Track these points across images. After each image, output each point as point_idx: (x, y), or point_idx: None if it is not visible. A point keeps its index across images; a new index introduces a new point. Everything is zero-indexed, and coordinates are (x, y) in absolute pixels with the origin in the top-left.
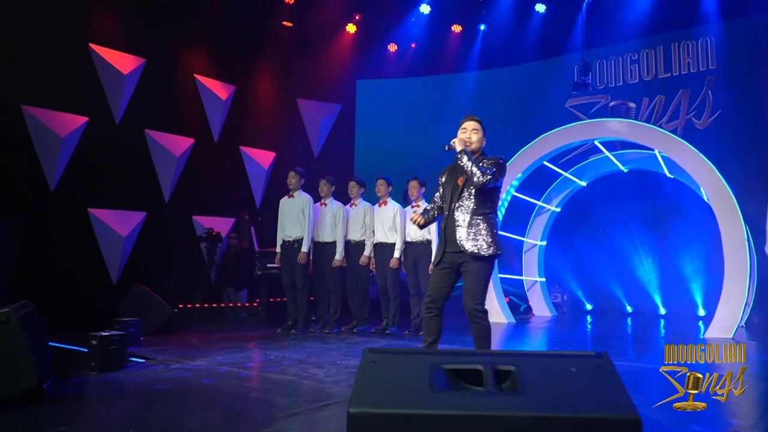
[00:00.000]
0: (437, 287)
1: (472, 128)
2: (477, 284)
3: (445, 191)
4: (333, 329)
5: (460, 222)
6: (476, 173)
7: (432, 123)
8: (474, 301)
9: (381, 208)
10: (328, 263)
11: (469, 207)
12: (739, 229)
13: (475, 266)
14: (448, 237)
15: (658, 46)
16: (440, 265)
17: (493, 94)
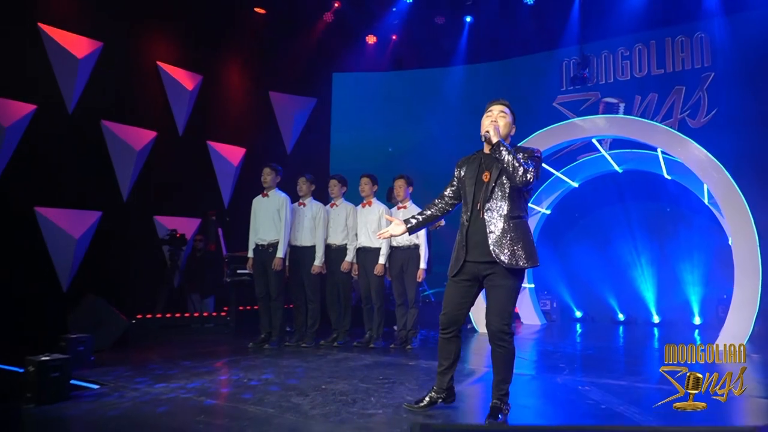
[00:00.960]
0: (456, 304)
1: (499, 111)
2: (507, 302)
3: (466, 188)
4: (311, 342)
5: (493, 227)
6: (518, 170)
7: (414, 119)
8: (502, 321)
9: (365, 209)
10: (307, 270)
11: (503, 209)
12: (750, 232)
13: (507, 281)
14: (472, 243)
15: (650, 42)
16: (459, 276)
17: (479, 90)
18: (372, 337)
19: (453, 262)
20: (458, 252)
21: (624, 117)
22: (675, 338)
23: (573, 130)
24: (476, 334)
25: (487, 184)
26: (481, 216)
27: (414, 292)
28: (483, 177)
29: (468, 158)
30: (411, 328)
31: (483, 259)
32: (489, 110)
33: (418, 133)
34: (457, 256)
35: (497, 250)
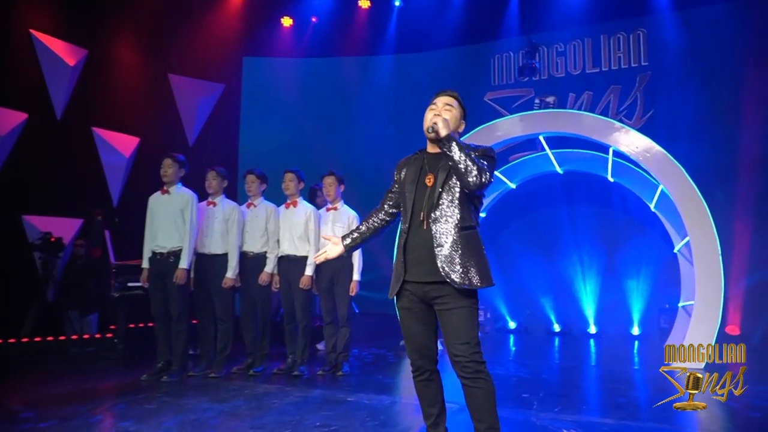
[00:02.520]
0: (418, 334)
1: (444, 104)
2: (470, 324)
3: (406, 194)
4: (221, 371)
5: (441, 240)
6: (472, 169)
7: (336, 112)
8: (470, 349)
9: (289, 210)
10: (217, 283)
11: (453, 218)
12: (712, 240)
13: (462, 301)
14: (412, 260)
15: (586, 38)
16: (404, 300)
17: (407, 82)
18: (296, 362)
19: (393, 283)
20: (397, 270)
21: (577, 113)
22: (612, 350)
23: (518, 126)
24: None
25: (432, 189)
26: (425, 227)
27: (346, 308)
28: (426, 180)
29: (408, 159)
30: (342, 351)
31: (428, 279)
32: (433, 103)
33: (340, 127)
34: (396, 275)
35: (447, 268)
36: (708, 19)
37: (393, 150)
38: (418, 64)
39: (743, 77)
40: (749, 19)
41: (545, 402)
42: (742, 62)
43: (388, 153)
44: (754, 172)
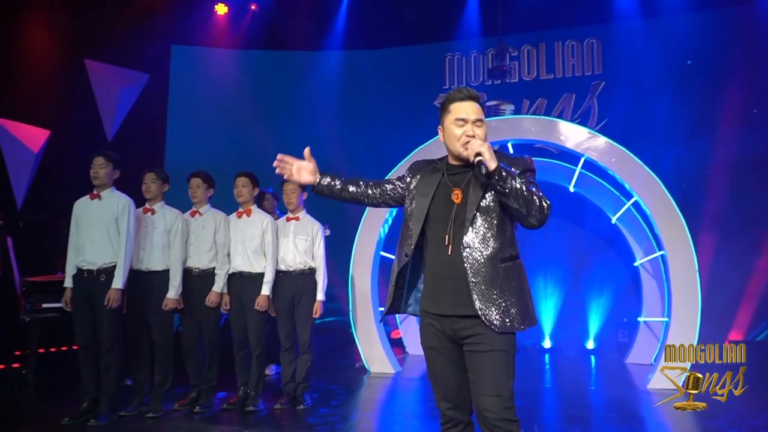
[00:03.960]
0: (450, 380)
1: (476, 118)
2: (504, 373)
3: (417, 206)
4: (159, 410)
5: (477, 272)
6: (534, 202)
7: (277, 109)
8: (503, 404)
9: (242, 220)
10: (156, 304)
11: (491, 247)
12: (689, 254)
13: (498, 344)
14: (438, 288)
15: (540, 44)
16: (430, 338)
17: (355, 80)
18: (249, 395)
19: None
20: (390, 293)
21: (551, 119)
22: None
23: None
24: (368, 375)
25: (460, 207)
26: (449, 252)
27: (308, 332)
28: (454, 196)
29: (426, 166)
30: (302, 381)
31: (459, 312)
32: (459, 112)
33: (282, 126)
34: (389, 297)
35: (484, 307)
36: (660, 30)
37: (341, 151)
38: (368, 62)
39: (696, 88)
40: (701, 31)
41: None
42: (695, 73)
43: (336, 153)
44: (711, 183)
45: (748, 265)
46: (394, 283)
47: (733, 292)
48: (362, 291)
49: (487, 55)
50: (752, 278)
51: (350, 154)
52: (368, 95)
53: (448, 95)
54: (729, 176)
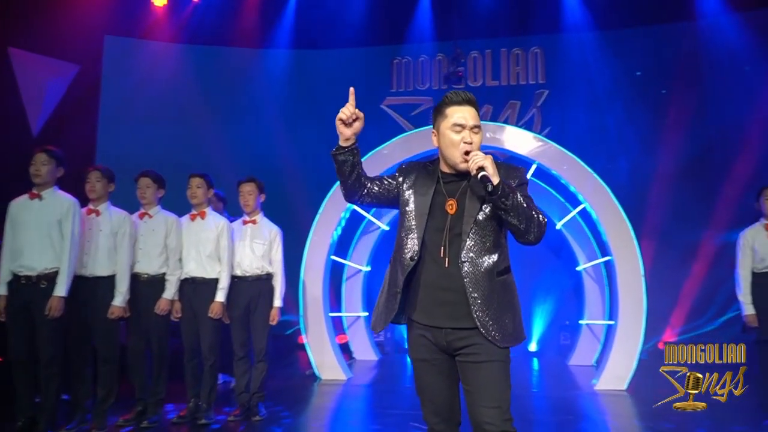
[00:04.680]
0: (441, 393)
1: (473, 125)
2: (503, 384)
3: (414, 214)
4: (104, 426)
5: (476, 285)
6: (534, 219)
7: (220, 106)
8: (502, 415)
9: (195, 223)
10: (100, 312)
11: (489, 260)
12: (635, 259)
13: (495, 354)
14: (432, 300)
15: (486, 51)
16: (420, 350)
17: (302, 81)
18: (201, 407)
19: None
20: (389, 301)
21: (502, 125)
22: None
23: None
24: (318, 383)
25: (455, 218)
26: (446, 264)
27: (264, 340)
28: (448, 206)
29: (418, 168)
30: (257, 391)
31: (453, 325)
32: (457, 117)
33: (224, 125)
34: (387, 308)
35: (484, 322)
36: (604, 42)
37: (290, 151)
38: (315, 62)
39: (640, 100)
40: (644, 44)
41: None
42: (638, 85)
43: (285, 153)
44: (652, 190)
45: (684, 270)
46: (401, 290)
47: (669, 295)
48: (314, 296)
49: (436, 60)
50: (687, 282)
51: (300, 155)
52: (316, 96)
53: (445, 98)
54: (669, 185)
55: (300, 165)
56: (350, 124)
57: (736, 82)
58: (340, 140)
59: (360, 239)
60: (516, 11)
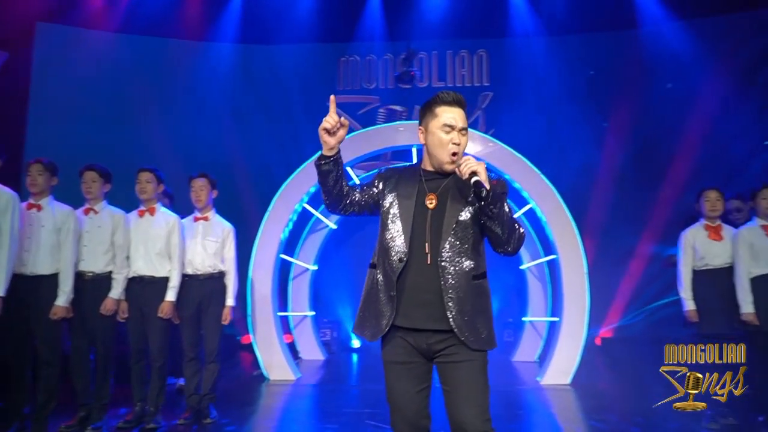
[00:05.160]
0: (413, 399)
1: (462, 126)
2: (482, 385)
3: (400, 214)
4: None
5: (452, 287)
6: (516, 231)
7: (160, 99)
8: (482, 416)
9: (144, 219)
10: (42, 312)
11: (466, 262)
12: (579, 258)
13: (473, 355)
14: (412, 301)
15: (433, 52)
16: (398, 353)
17: (248, 75)
18: (149, 411)
19: (373, 321)
20: (382, 305)
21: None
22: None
23: (399, 136)
24: (266, 383)
25: (435, 213)
26: (428, 261)
27: (216, 340)
28: (427, 201)
29: (398, 171)
30: (208, 392)
31: (432, 326)
32: (447, 118)
33: (164, 119)
34: (379, 312)
35: (458, 324)
36: (546, 48)
37: (232, 147)
38: (262, 58)
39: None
40: (588, 50)
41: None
42: (579, 88)
43: (226, 150)
44: (594, 191)
45: (622, 267)
46: (395, 292)
47: (607, 292)
48: (262, 295)
49: (384, 59)
50: (624, 279)
51: (247, 150)
52: (263, 91)
53: (436, 97)
54: (611, 186)
55: (247, 161)
56: (334, 133)
57: (676, 88)
58: (324, 150)
59: (307, 237)
60: (464, 15)
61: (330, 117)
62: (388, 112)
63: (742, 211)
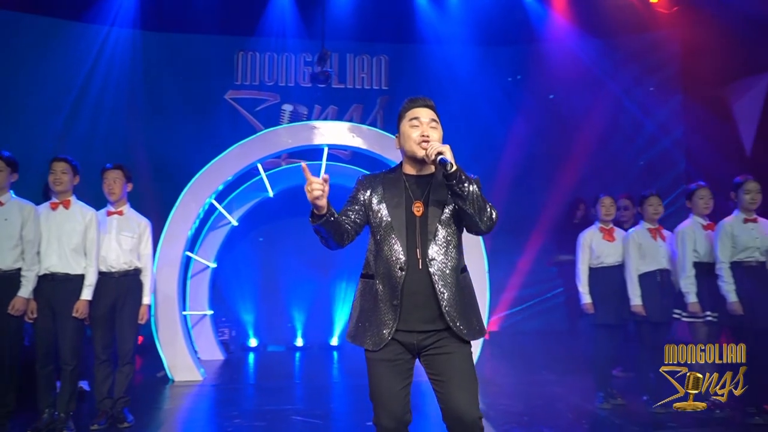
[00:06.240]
0: (397, 394)
1: (430, 119)
2: (473, 374)
3: (393, 222)
4: None
5: (443, 284)
6: (485, 211)
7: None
8: (476, 404)
9: (58, 212)
10: None
11: (452, 259)
12: (481, 260)
13: (463, 347)
14: (410, 305)
15: (334, 54)
16: (387, 351)
17: (144, 63)
18: (59, 418)
19: (374, 331)
20: (383, 315)
21: (372, 129)
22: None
23: (303, 136)
24: (170, 384)
25: (422, 219)
26: (420, 266)
27: (132, 340)
28: (414, 210)
29: (378, 178)
30: (123, 395)
31: (426, 328)
32: (414, 117)
33: (48, 107)
34: (380, 321)
35: (453, 318)
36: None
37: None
38: (159, 45)
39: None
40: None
41: None
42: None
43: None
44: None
45: (510, 264)
46: (398, 301)
47: (496, 288)
48: (167, 294)
49: (284, 56)
50: (512, 276)
51: (144, 141)
52: (160, 80)
53: (404, 104)
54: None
55: (145, 152)
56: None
57: (563, 100)
58: (318, 212)
59: (208, 234)
60: (367, 20)
61: (315, 184)
62: (288, 109)
63: (629, 210)
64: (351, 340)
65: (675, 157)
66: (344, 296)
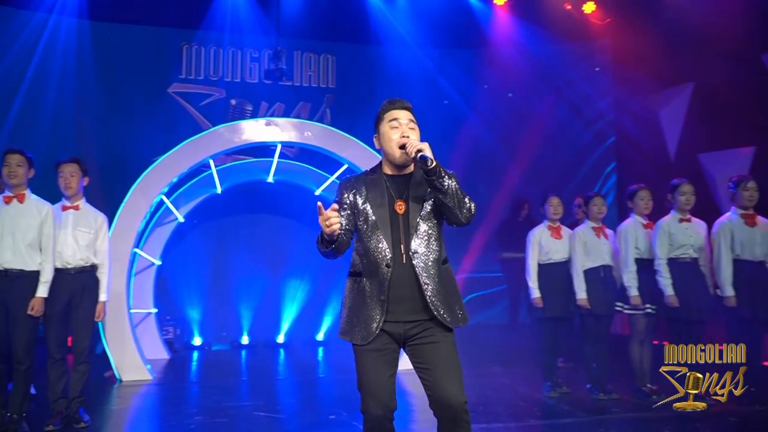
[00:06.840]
0: (384, 382)
1: (409, 119)
2: (458, 365)
3: (378, 221)
4: None
5: (427, 276)
6: (464, 204)
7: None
8: (461, 391)
9: (12, 206)
10: None
11: (434, 252)
12: None
13: (449, 336)
14: (396, 298)
15: (280, 50)
16: (376, 341)
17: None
18: (11, 419)
19: (362, 326)
20: (371, 310)
21: (322, 126)
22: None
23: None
24: (118, 385)
25: (404, 216)
26: (404, 261)
27: (88, 339)
28: (396, 208)
29: (360, 179)
30: (78, 395)
31: (412, 318)
32: (393, 118)
33: None
34: (368, 316)
35: (437, 305)
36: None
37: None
38: (109, 36)
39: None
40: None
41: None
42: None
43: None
44: None
45: (455, 264)
46: (385, 297)
47: None
48: (115, 292)
49: (230, 51)
50: (457, 272)
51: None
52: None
53: (382, 106)
54: None
55: (96, 146)
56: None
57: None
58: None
59: (153, 231)
60: (315, 18)
61: (333, 219)
62: (235, 106)
63: (581, 207)
64: (342, 336)
65: (608, 161)
66: (294, 294)
